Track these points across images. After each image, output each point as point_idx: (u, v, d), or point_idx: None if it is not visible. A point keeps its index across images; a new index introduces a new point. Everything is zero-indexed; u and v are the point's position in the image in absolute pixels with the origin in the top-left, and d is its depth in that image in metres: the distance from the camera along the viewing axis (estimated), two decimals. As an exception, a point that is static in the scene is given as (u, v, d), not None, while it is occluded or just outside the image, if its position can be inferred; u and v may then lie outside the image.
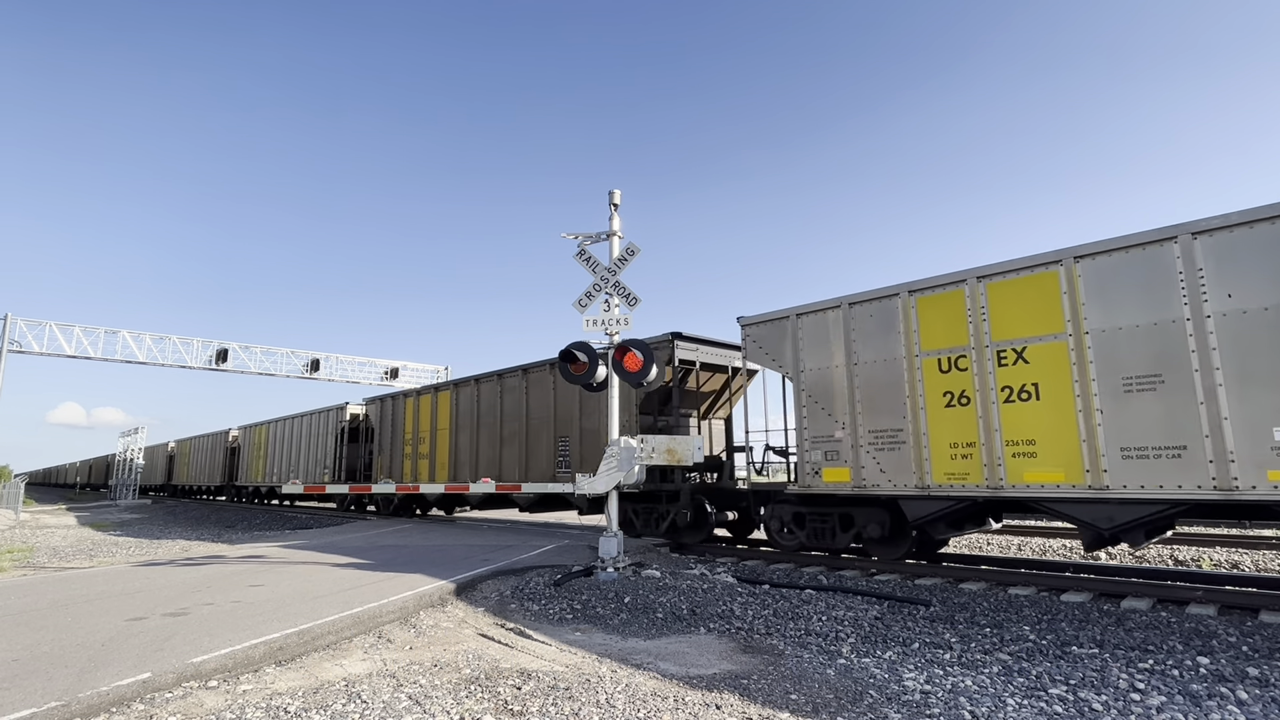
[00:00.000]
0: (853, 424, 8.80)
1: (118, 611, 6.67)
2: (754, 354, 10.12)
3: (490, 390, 15.58)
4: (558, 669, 5.00)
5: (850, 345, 8.94)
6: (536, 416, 14.11)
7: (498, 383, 15.34)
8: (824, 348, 9.26)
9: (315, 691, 4.53)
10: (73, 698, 4.18)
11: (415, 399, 18.30)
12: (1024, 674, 4.75)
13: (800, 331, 9.52)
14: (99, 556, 12.78)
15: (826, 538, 9.29)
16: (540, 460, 13.88)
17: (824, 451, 9.06)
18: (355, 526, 16.89)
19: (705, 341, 12.19)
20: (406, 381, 38.57)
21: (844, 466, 8.85)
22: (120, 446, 44.24)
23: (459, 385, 16.66)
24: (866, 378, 8.78)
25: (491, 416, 15.37)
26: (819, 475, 9.07)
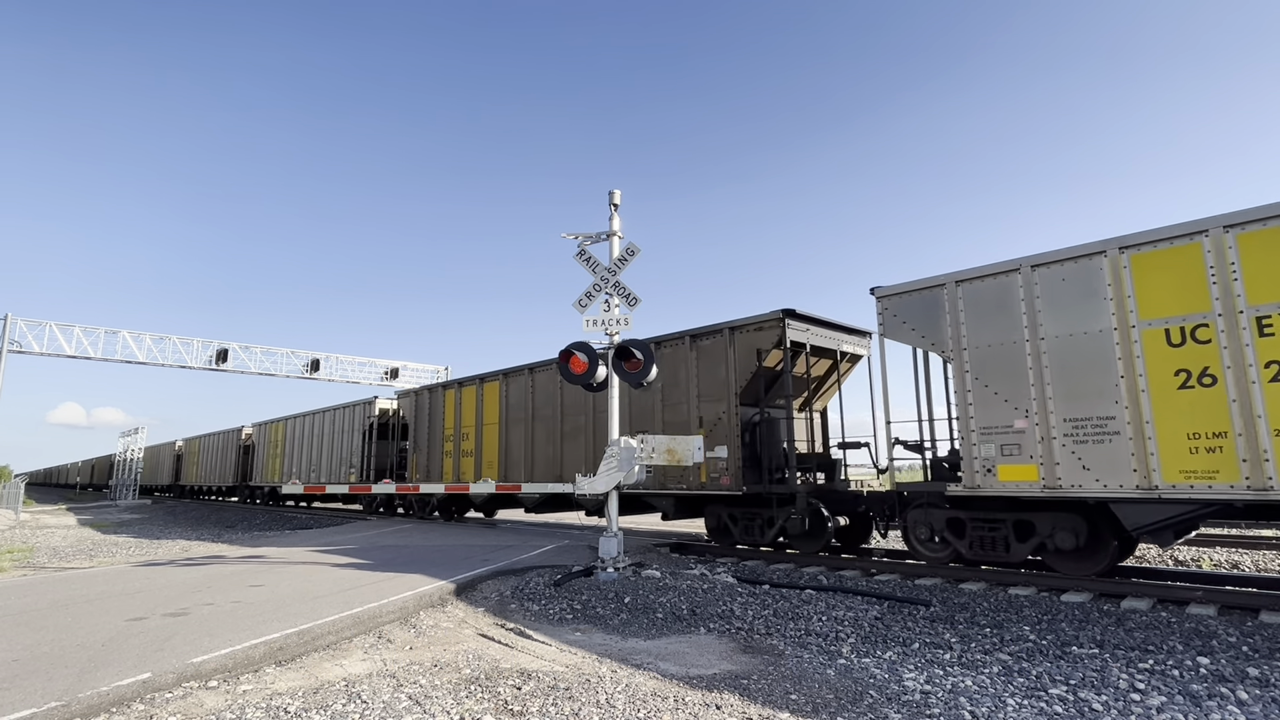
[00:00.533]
0: (1041, 411, 7.43)
1: (118, 611, 6.67)
2: (894, 330, 8.75)
3: (548, 380, 14.08)
4: (558, 669, 4.99)
5: (1035, 316, 7.60)
6: (604, 408, 12.25)
7: (557, 371, 13.16)
8: (996, 320, 7.89)
9: (315, 691, 4.53)
10: (73, 698, 4.18)
11: (457, 391, 16.93)
12: (1024, 674, 4.75)
13: (961, 302, 8.17)
14: (99, 556, 12.79)
15: (996, 549, 7.96)
16: None
17: (999, 445, 7.71)
18: (355, 527, 16.89)
19: (817, 321, 10.93)
20: (406, 381, 38.50)
21: (1029, 463, 7.48)
22: (120, 446, 44.17)
23: (510, 375, 15.25)
24: (1059, 355, 7.37)
25: (550, 409, 13.87)
26: (992, 474, 7.70)
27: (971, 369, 8.05)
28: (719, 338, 10.94)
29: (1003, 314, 7.87)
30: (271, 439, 27.55)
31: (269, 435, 27.85)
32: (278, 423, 27.25)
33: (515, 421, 14.86)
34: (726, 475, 10.37)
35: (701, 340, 11.26)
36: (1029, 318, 7.69)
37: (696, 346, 11.30)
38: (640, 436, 8.81)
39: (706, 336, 11.16)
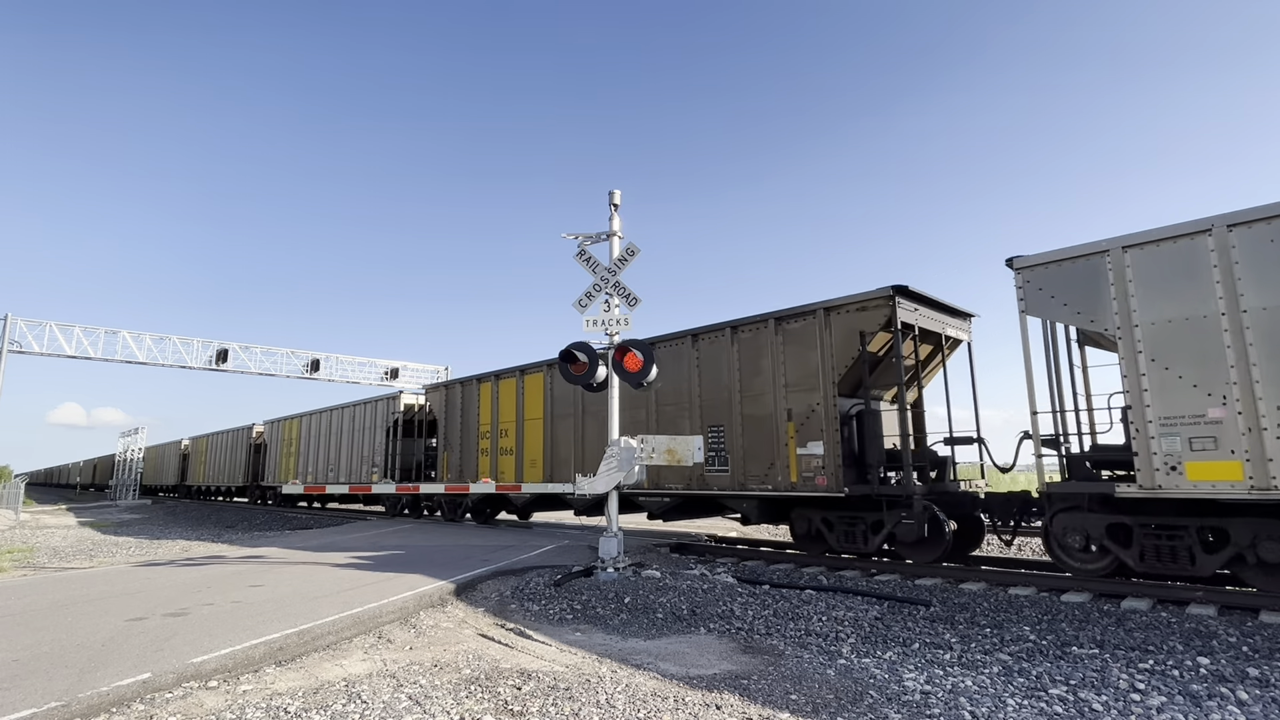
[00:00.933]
0: (1247, 397, 6.38)
1: (118, 612, 6.67)
2: (1038, 305, 7.79)
3: None
4: (558, 669, 4.99)
5: (1234, 284, 6.57)
6: (672, 401, 11.30)
7: None
8: (1180, 290, 6.84)
9: (315, 692, 4.53)
10: (73, 698, 4.18)
11: (494, 384, 15.72)
12: (1024, 674, 4.75)
13: (1130, 270, 7.15)
14: (99, 557, 12.79)
15: (1177, 560, 6.95)
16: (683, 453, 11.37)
17: (1186, 438, 6.69)
18: (355, 527, 16.89)
19: (926, 301, 9.84)
20: (406, 381, 38.48)
21: (1229, 459, 6.45)
22: (120, 446, 44.10)
23: (555, 366, 13.70)
24: (1270, 330, 6.37)
25: (603, 403, 11.96)
26: (1178, 472, 6.67)
27: (1146, 349, 6.97)
28: (810, 320, 9.82)
29: (1189, 283, 6.79)
30: (285, 437, 26.26)
31: (282, 433, 26.59)
32: (292, 420, 25.93)
33: (563, 416, 13.55)
34: (823, 474, 9.30)
35: (788, 323, 10.13)
36: (1226, 286, 6.62)
37: (783, 330, 10.16)
38: (641, 436, 8.81)
39: (795, 319, 10.04)
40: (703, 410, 10.95)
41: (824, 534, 9.64)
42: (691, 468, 10.70)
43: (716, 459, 10.69)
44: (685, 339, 11.42)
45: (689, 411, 11.15)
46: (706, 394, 10.97)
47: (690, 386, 11.19)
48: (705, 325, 11.16)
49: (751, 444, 10.29)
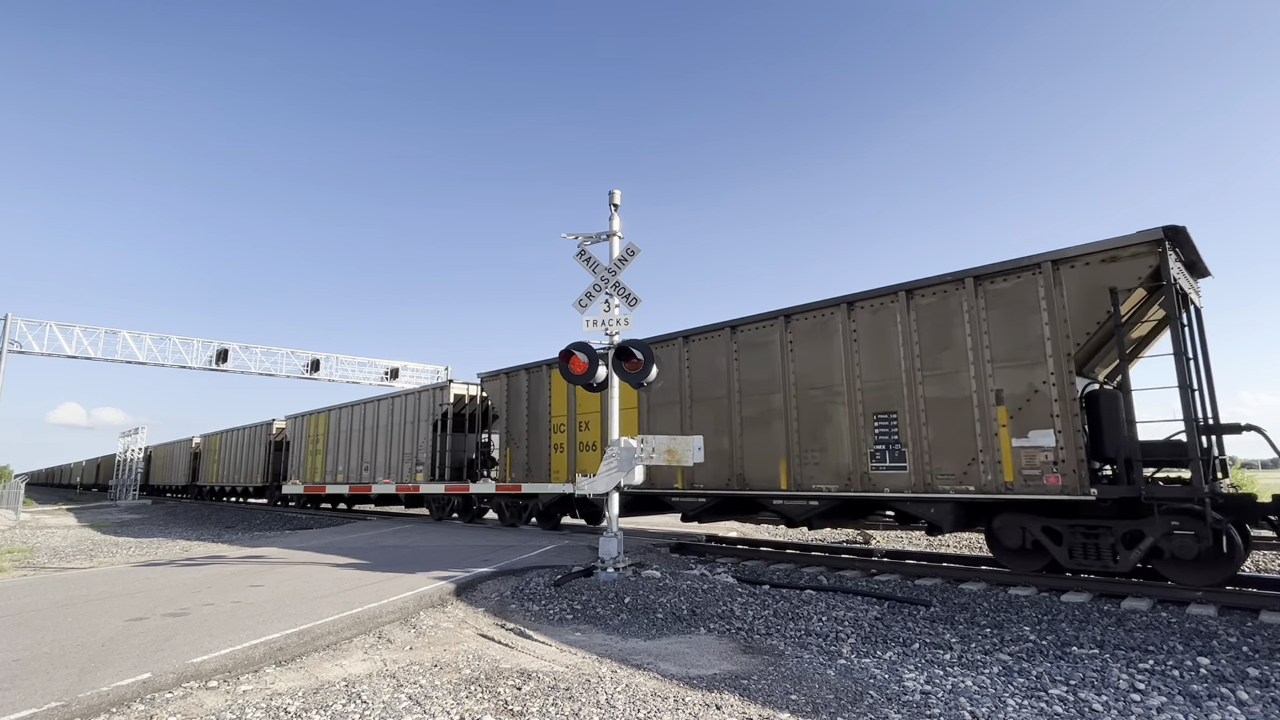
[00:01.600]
0: None
1: (118, 612, 6.67)
2: None
3: (713, 352, 11.03)
4: (558, 669, 4.99)
5: None
6: (820, 384, 9.52)
7: (728, 338, 10.69)
8: None
9: (315, 692, 4.53)
10: (73, 698, 4.18)
11: None
12: (1024, 674, 4.75)
13: None
14: (99, 557, 12.79)
15: None
16: (835, 448, 9.24)
17: None
18: (355, 527, 16.89)
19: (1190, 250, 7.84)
20: (406, 381, 38.34)
21: None
22: (121, 446, 43.99)
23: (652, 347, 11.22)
24: None
25: (719, 389, 10.82)
26: None
27: None
28: (1031, 277, 7.90)
29: None
30: (311, 433, 23.99)
31: (307, 429, 24.30)
32: (319, 415, 23.77)
33: (662, 405, 11.70)
34: (1055, 472, 7.41)
35: (993, 282, 8.17)
36: None
37: (984, 291, 8.21)
38: (641, 437, 8.81)
39: (1004, 276, 8.11)
40: (863, 394, 9.02)
41: (1047, 547, 7.77)
42: (850, 464, 9.02)
43: (887, 454, 8.74)
44: (834, 310, 9.48)
45: (843, 397, 9.22)
46: (869, 374, 9.05)
47: (844, 366, 9.26)
48: (866, 291, 9.23)
49: (940, 435, 8.37)
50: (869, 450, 8.94)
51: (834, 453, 9.29)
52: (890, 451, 8.79)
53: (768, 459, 10.04)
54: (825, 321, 9.66)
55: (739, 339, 10.66)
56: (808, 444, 9.60)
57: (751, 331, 10.52)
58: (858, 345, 9.27)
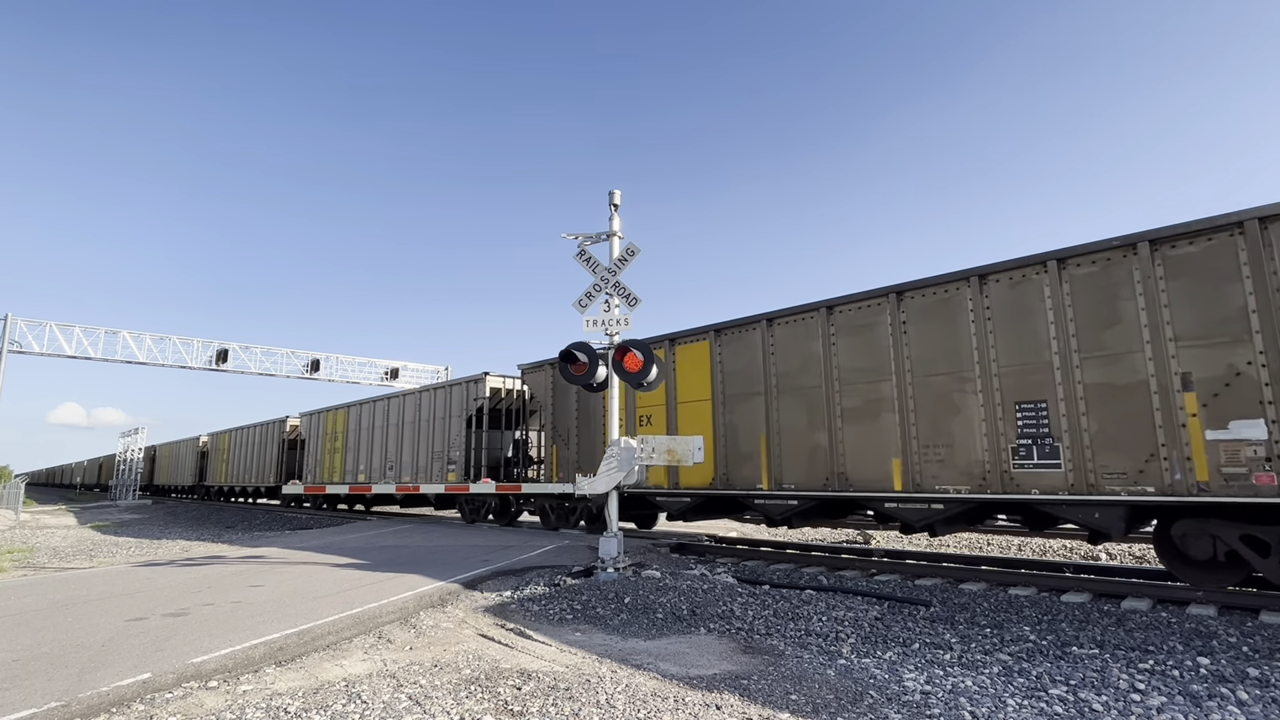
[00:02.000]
0: None
1: (118, 612, 6.67)
2: None
3: (803, 336, 9.77)
4: (558, 669, 4.99)
5: None
6: (943, 369, 8.35)
7: (823, 320, 9.49)
8: None
9: (315, 692, 4.53)
10: (73, 698, 4.18)
11: None
12: (1024, 674, 4.75)
13: None
14: (99, 557, 12.79)
15: None
16: (964, 444, 8.08)
17: None
18: (355, 527, 16.89)
19: None
20: (407, 381, 38.31)
21: None
22: (121, 446, 43.91)
23: (725, 332, 10.82)
24: None
25: (811, 377, 9.61)
26: None
27: None
28: (1228, 239, 6.72)
29: None
30: (329, 430, 22.72)
31: (325, 426, 23.03)
32: (337, 411, 22.49)
33: (740, 397, 10.47)
34: (1268, 470, 6.30)
35: (1174, 247, 7.03)
36: None
37: (1163, 258, 7.07)
38: (640, 437, 8.81)
39: (1189, 239, 6.95)
40: (1000, 380, 7.88)
41: (1249, 560, 6.65)
42: (986, 462, 7.87)
43: (1034, 449, 7.61)
44: (960, 285, 8.36)
45: (973, 384, 8.08)
46: (1007, 357, 7.91)
47: (974, 349, 8.14)
48: (1004, 261, 8.08)
49: (1106, 427, 7.23)
50: (1010, 445, 7.75)
51: (963, 449, 8.09)
52: (1038, 447, 7.61)
53: (875, 456, 8.83)
54: (948, 299, 8.44)
55: (837, 321, 9.37)
56: (928, 439, 8.39)
57: (852, 312, 9.26)
58: (992, 324, 8.07)
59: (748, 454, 10.33)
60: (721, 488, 10.35)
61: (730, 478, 10.41)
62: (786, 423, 9.88)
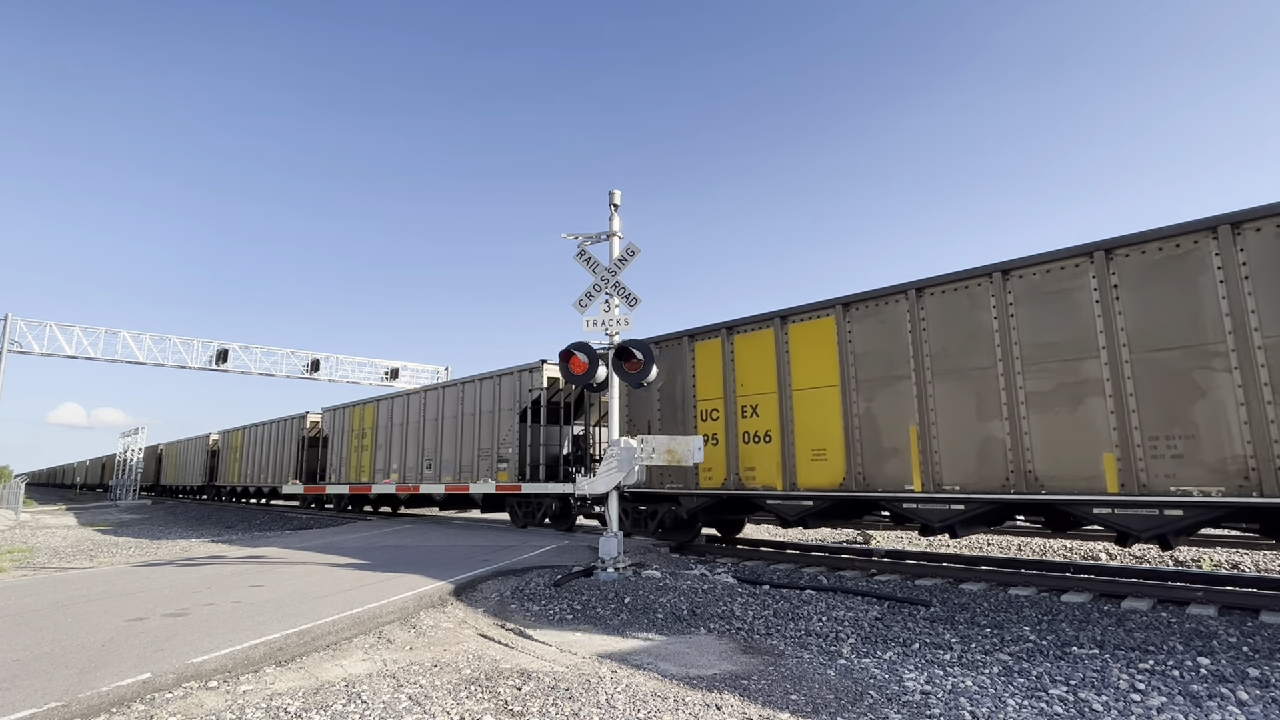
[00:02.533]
0: None
1: (118, 612, 6.67)
2: None
3: (964, 305, 8.15)
4: (558, 669, 4.99)
5: None
6: (1175, 342, 6.83)
7: (998, 287, 7.84)
8: None
9: (315, 692, 4.53)
10: (73, 698, 4.18)
11: (725, 340, 10.58)
12: (1024, 674, 4.75)
13: None
14: (99, 557, 12.79)
15: None
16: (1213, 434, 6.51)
17: None
18: (355, 527, 16.89)
19: None
20: (407, 382, 38.30)
21: None
22: (120, 447, 43.85)
23: (856, 306, 9.14)
24: None
25: (978, 354, 7.97)
26: None
27: None
28: None
29: None
30: (355, 427, 21.21)
31: (350, 422, 21.52)
32: (365, 406, 20.96)
33: (878, 381, 8.81)
34: None
35: None
36: None
37: None
38: (641, 437, 8.81)
39: None
40: (1267, 354, 6.36)
41: None
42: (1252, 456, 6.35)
43: None
44: (1198, 238, 6.82)
45: (1224, 359, 6.53)
46: (1274, 326, 6.40)
47: (1222, 316, 6.61)
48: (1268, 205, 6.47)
49: None
50: None
51: (1210, 441, 6.52)
52: None
53: (1075, 450, 7.26)
54: (1182, 256, 6.91)
55: (1015, 287, 7.81)
56: (1156, 428, 6.82)
57: (1037, 277, 7.69)
58: (1251, 284, 6.51)
59: (891, 449, 8.65)
60: (856, 489, 8.69)
61: (868, 477, 8.71)
62: (945, 411, 8.23)
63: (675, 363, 11.42)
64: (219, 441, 34.27)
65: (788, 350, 9.92)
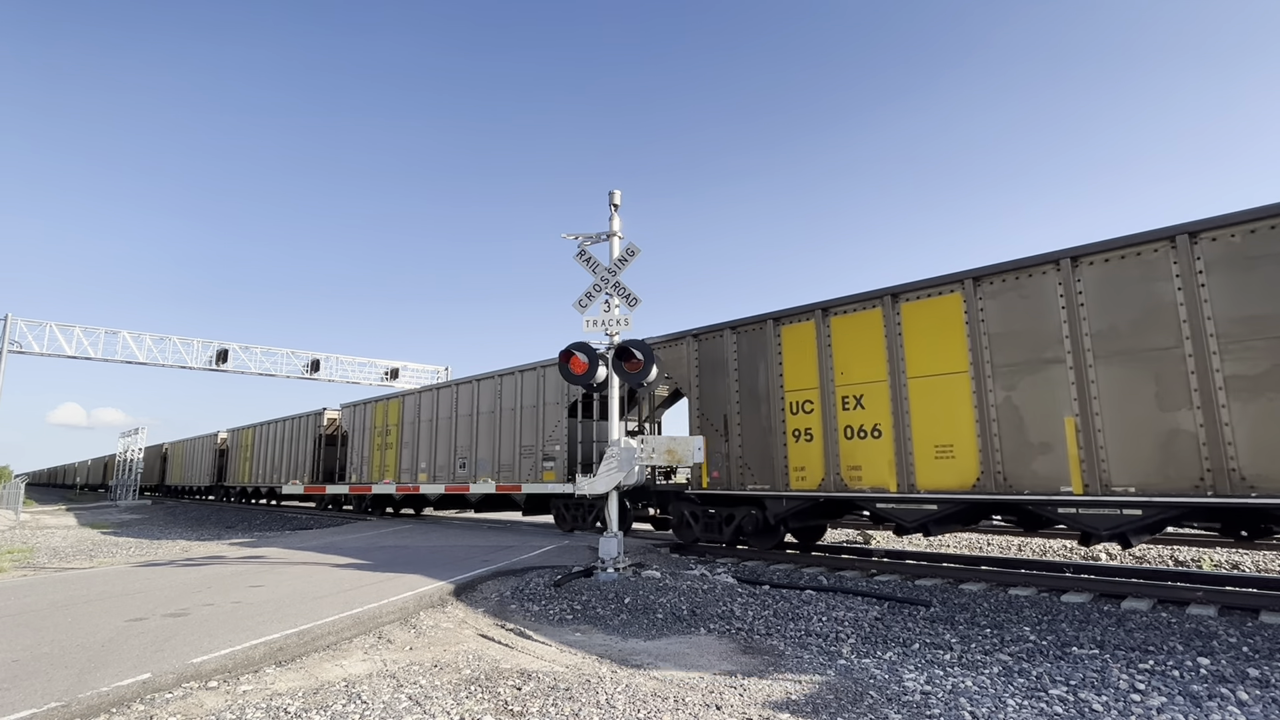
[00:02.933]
0: None
1: (118, 612, 6.67)
2: None
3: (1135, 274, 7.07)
4: (558, 669, 4.99)
5: None
6: None
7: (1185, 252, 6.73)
8: None
9: (315, 692, 4.53)
10: (73, 698, 4.18)
11: (819, 322, 9.42)
12: (1024, 675, 4.75)
13: None
14: (99, 557, 12.78)
15: None
16: None
17: None
18: (356, 527, 16.89)
19: None
20: (406, 381, 38.34)
21: None
22: (120, 447, 43.76)
23: (985, 280, 8.02)
24: None
25: (1155, 333, 6.89)
26: None
27: None
28: None
29: None
30: (378, 423, 20.02)
31: (372, 419, 20.29)
32: (389, 402, 19.74)
33: (1020, 367, 7.69)
34: None
35: None
36: None
37: None
38: (641, 437, 8.81)
39: None
40: None
41: None
42: None
43: None
44: None
45: None
46: None
47: None
48: None
49: None
50: None
51: None
52: None
53: None
54: None
55: (1207, 252, 6.64)
56: None
57: (1236, 239, 6.47)
58: None
59: (1039, 444, 7.54)
60: (995, 490, 7.60)
61: (1009, 476, 7.60)
62: (1112, 400, 7.09)
63: (755, 350, 10.25)
64: (228, 440, 33.07)
65: (900, 332, 8.69)
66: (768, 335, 10.06)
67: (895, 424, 8.57)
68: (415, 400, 18.69)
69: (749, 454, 10.16)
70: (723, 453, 10.47)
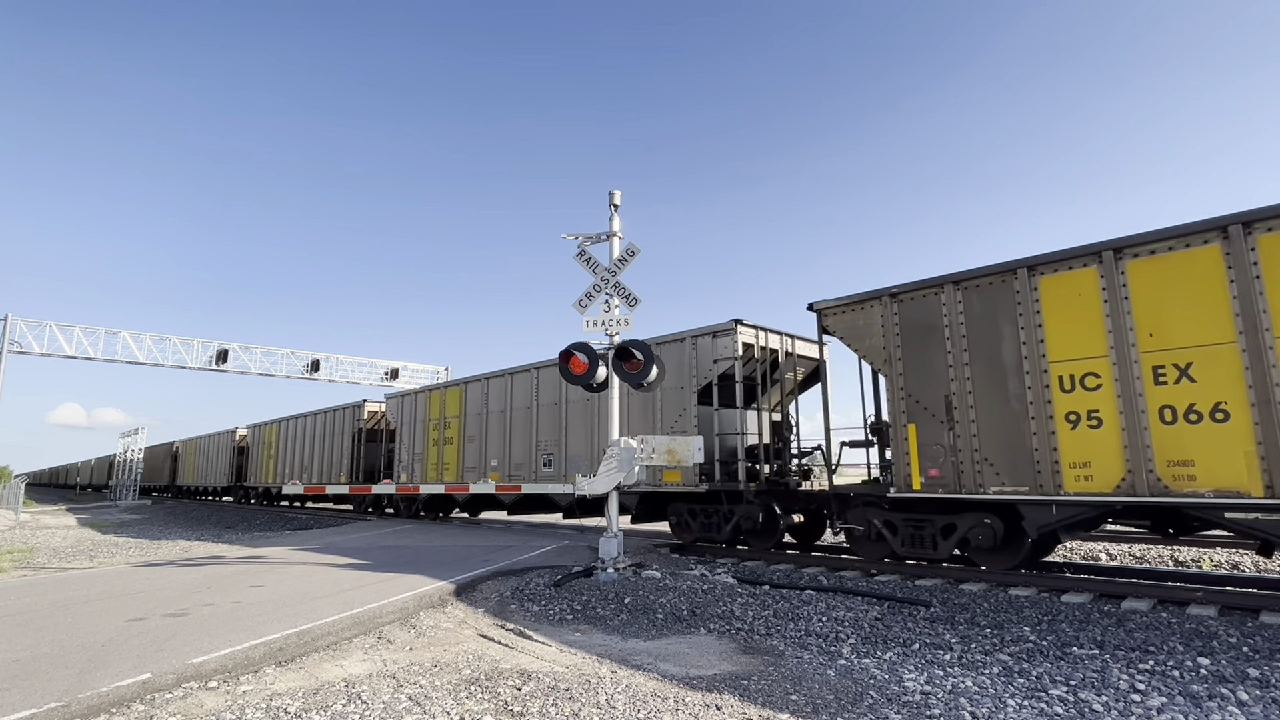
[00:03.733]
0: None
1: (118, 612, 6.67)
2: None
3: None
4: (558, 670, 4.99)
5: None
6: None
7: None
8: None
9: (315, 692, 4.53)
10: (73, 698, 4.18)
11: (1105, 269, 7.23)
12: (1024, 675, 4.75)
13: None
14: (99, 557, 12.78)
15: None
16: None
17: None
18: (355, 527, 16.89)
19: None
20: (406, 382, 38.36)
21: None
22: (120, 447, 43.74)
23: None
24: None
25: None
26: None
27: None
28: None
29: None
30: (431, 417, 17.65)
31: (425, 412, 17.94)
32: (447, 390, 17.32)
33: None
34: None
35: None
36: None
37: None
38: (641, 437, 8.81)
39: None
40: None
41: None
42: None
43: None
44: None
45: None
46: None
47: None
48: None
49: None
50: None
51: None
52: None
53: None
54: None
55: None
56: None
57: None
58: None
59: None
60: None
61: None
62: None
63: (994, 310, 8.03)
64: (248, 437, 30.32)
65: (1258, 276, 6.46)
66: (1016, 290, 7.88)
67: (1255, 403, 6.31)
68: (482, 387, 16.08)
69: (989, 446, 7.93)
70: (946, 445, 8.28)
